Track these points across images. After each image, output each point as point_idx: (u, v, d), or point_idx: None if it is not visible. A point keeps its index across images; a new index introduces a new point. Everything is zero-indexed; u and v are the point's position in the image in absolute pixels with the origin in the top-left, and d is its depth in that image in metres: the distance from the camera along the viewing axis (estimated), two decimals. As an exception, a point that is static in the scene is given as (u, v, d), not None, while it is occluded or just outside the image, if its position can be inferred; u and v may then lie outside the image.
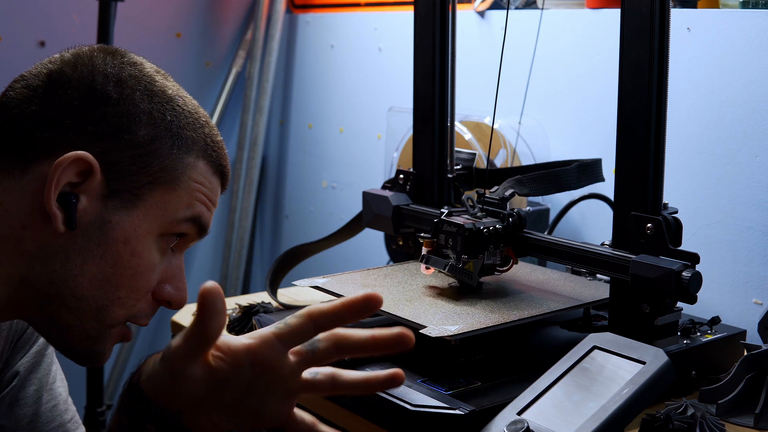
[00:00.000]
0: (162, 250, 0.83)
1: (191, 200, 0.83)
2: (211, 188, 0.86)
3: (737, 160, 1.40)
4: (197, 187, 0.84)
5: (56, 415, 1.00)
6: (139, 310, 0.83)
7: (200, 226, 0.85)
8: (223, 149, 0.88)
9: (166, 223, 0.82)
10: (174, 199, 0.82)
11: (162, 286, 0.84)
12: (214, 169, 0.86)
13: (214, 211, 0.87)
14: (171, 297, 0.85)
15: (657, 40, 1.04)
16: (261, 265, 2.72)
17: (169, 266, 0.84)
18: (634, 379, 0.88)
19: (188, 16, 2.50)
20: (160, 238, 0.82)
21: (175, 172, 0.82)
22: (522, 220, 1.19)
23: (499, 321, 1.05)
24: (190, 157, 0.83)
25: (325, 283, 1.21)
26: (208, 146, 0.86)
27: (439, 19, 1.33)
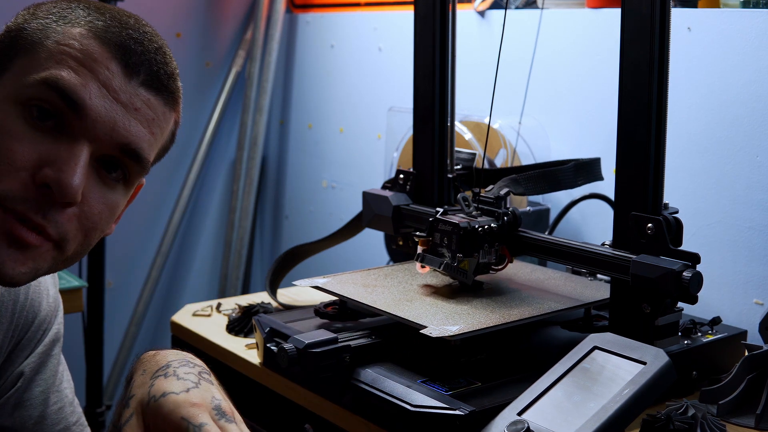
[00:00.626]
0: (27, 121, 0.75)
1: (50, 63, 0.76)
2: (84, 51, 0.77)
3: (738, 160, 1.40)
4: (61, 49, 0.77)
5: (62, 417, 0.99)
6: (7, 188, 0.75)
7: (60, 90, 0.75)
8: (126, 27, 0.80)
9: (21, 87, 0.76)
10: (32, 62, 0.76)
11: (42, 169, 0.75)
12: (95, 35, 0.78)
13: (92, 80, 0.77)
14: (48, 177, 0.75)
15: (657, 39, 1.04)
16: (261, 265, 2.72)
17: (53, 149, 0.76)
18: (635, 380, 0.88)
19: (188, 16, 2.50)
20: (20, 105, 0.75)
21: (38, 36, 0.77)
22: (517, 219, 1.19)
23: (500, 321, 1.05)
24: (63, 26, 0.78)
25: (325, 284, 1.20)
26: (97, 20, 0.79)
27: (439, 19, 1.33)
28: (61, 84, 0.75)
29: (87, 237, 0.81)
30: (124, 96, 0.78)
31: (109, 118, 0.77)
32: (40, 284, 0.97)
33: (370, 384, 1.02)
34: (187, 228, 2.65)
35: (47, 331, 0.99)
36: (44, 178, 0.75)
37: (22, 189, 0.75)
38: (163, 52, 0.82)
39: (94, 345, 2.21)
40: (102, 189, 0.80)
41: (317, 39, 2.44)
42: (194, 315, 1.40)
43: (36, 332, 0.97)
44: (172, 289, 2.66)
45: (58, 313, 1.01)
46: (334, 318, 1.20)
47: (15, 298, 0.94)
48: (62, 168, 0.75)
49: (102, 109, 0.77)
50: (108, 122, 0.77)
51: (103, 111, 0.77)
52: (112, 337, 2.47)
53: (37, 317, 0.97)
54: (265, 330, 1.15)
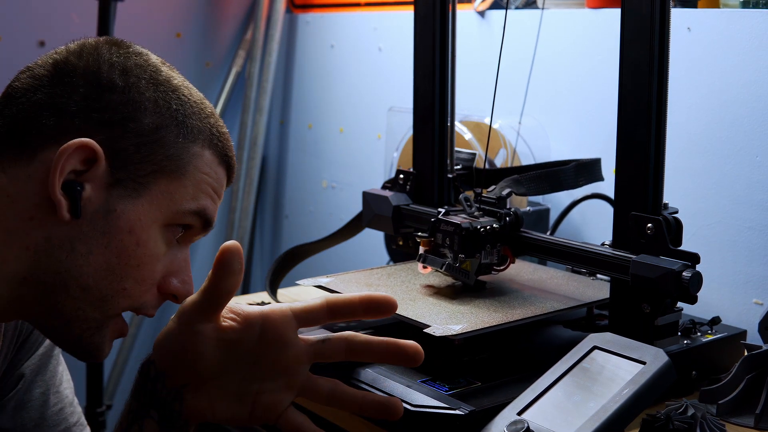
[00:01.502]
0: (167, 241, 0.81)
1: (197, 192, 0.82)
2: (217, 179, 0.84)
3: (738, 160, 1.40)
4: (203, 177, 0.82)
5: (62, 418, 1.00)
6: (144, 302, 0.82)
7: (205, 219, 0.83)
8: (228, 140, 0.87)
9: (171, 214, 0.80)
10: (179, 189, 0.81)
11: (168, 279, 0.83)
12: (220, 159, 0.85)
13: (218, 204, 0.85)
14: (177, 290, 0.83)
15: (657, 40, 1.04)
16: (261, 265, 2.72)
17: (174, 259, 0.83)
18: (635, 379, 0.88)
19: (188, 16, 2.50)
20: (165, 228, 0.81)
21: (181, 161, 0.80)
22: (519, 219, 1.19)
23: (503, 320, 1.05)
24: (195, 147, 0.82)
25: (328, 283, 1.21)
26: (214, 136, 0.84)
27: (439, 19, 1.33)
28: (208, 213, 0.84)
29: None
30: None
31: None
32: None
33: (370, 383, 1.02)
34: (187, 228, 2.65)
35: None
36: (174, 291, 0.84)
37: (153, 299, 0.83)
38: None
39: (94, 345, 2.21)
40: None
41: (317, 39, 2.44)
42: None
43: (38, 335, 0.98)
44: (172, 289, 2.65)
45: None
46: (336, 317, 1.20)
47: None
48: (185, 280, 0.84)
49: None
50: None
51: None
52: (112, 337, 2.46)
53: None
54: (265, 330, 1.15)
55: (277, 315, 0.77)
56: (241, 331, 0.76)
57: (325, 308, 0.77)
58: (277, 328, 0.77)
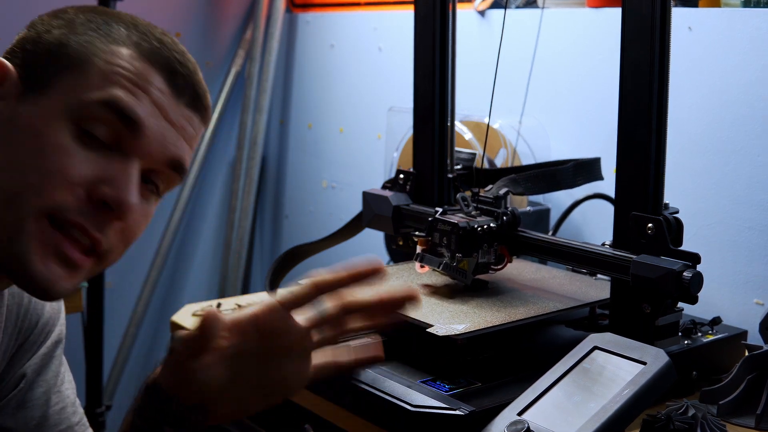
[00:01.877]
0: (81, 139, 0.77)
1: (104, 82, 0.78)
2: (137, 73, 0.79)
3: (738, 160, 1.40)
4: (114, 69, 0.78)
5: (64, 417, 1.00)
6: (62, 201, 0.76)
7: (119, 111, 0.78)
8: (167, 45, 0.83)
9: (75, 106, 0.77)
10: (83, 81, 0.78)
11: (98, 185, 0.77)
12: (142, 55, 0.80)
13: (147, 102, 0.80)
14: (106, 195, 0.77)
15: (658, 39, 1.04)
16: (261, 265, 2.72)
17: (108, 166, 0.78)
18: (635, 380, 0.88)
19: (188, 16, 2.49)
20: (74, 124, 0.77)
21: (85, 54, 0.78)
22: (516, 218, 1.19)
23: (506, 320, 1.05)
24: (107, 45, 0.80)
25: None
26: (139, 38, 0.81)
27: (439, 19, 1.33)
28: (120, 104, 0.78)
29: (126, 247, 0.84)
30: (172, 115, 0.82)
31: (161, 136, 0.81)
32: None
33: (370, 384, 1.02)
34: (186, 228, 2.65)
35: (50, 333, 0.99)
36: (103, 196, 0.77)
37: (77, 202, 0.77)
38: (199, 72, 0.87)
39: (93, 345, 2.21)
40: (142, 202, 0.83)
41: (317, 39, 2.43)
42: (194, 315, 1.40)
43: (39, 334, 0.98)
44: (171, 289, 2.66)
45: (61, 315, 1.02)
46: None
47: (19, 301, 0.94)
48: (120, 186, 0.78)
49: (156, 127, 0.80)
50: (159, 139, 0.81)
51: (156, 129, 0.80)
52: (111, 337, 2.47)
53: (40, 319, 0.97)
54: (264, 330, 1.15)
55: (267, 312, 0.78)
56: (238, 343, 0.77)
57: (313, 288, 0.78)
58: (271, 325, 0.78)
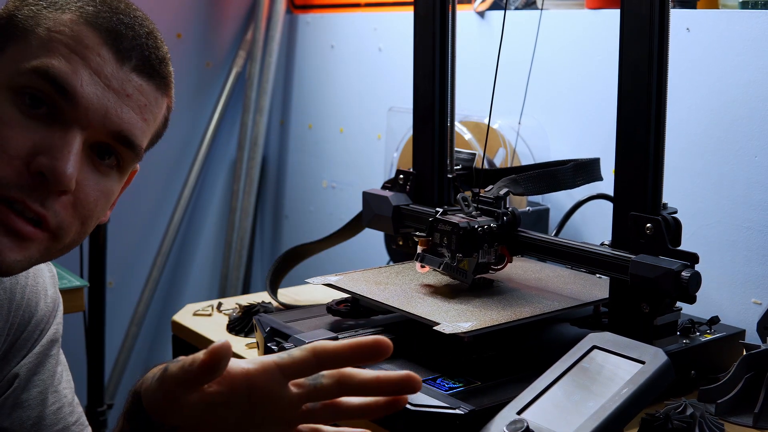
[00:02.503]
0: (19, 108, 0.75)
1: (41, 51, 0.76)
2: (74, 37, 0.76)
3: (737, 161, 1.41)
4: (52, 36, 0.76)
5: (61, 417, 0.99)
6: (1, 176, 0.74)
7: (52, 80, 0.75)
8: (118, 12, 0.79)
9: (12, 74, 0.75)
10: (23, 49, 0.76)
11: (35, 156, 0.75)
12: (86, 21, 0.77)
13: (84, 68, 0.76)
14: (42, 165, 0.74)
15: (656, 40, 1.04)
16: (261, 265, 2.72)
17: (46, 137, 0.75)
18: (634, 379, 0.88)
19: (188, 17, 2.50)
20: (12, 92, 0.75)
21: (28, 24, 0.76)
22: (516, 219, 1.19)
23: (511, 318, 1.06)
24: (52, 11, 0.77)
25: (337, 281, 1.21)
26: (86, 5, 0.78)
27: (439, 20, 1.33)
28: (52, 72, 0.75)
29: (83, 225, 0.81)
30: (115, 82, 0.78)
31: (101, 105, 0.77)
32: (37, 284, 0.96)
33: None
34: (187, 228, 2.66)
35: (44, 332, 0.98)
36: (38, 166, 0.74)
37: (16, 176, 0.75)
38: (155, 37, 0.82)
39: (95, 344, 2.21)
40: (96, 176, 0.80)
41: (317, 39, 2.44)
42: (195, 315, 1.40)
43: (32, 333, 0.96)
44: (172, 289, 2.66)
45: (57, 314, 1.00)
46: (346, 315, 1.20)
47: (11, 297, 0.93)
48: (56, 156, 0.75)
49: (93, 96, 0.76)
50: (100, 109, 0.77)
51: (94, 98, 0.77)
52: (113, 336, 2.47)
53: (33, 317, 0.96)
54: (265, 329, 1.16)
55: (262, 374, 0.70)
56: (227, 395, 0.70)
57: (313, 359, 0.70)
58: (264, 390, 0.70)
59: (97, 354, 2.22)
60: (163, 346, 2.64)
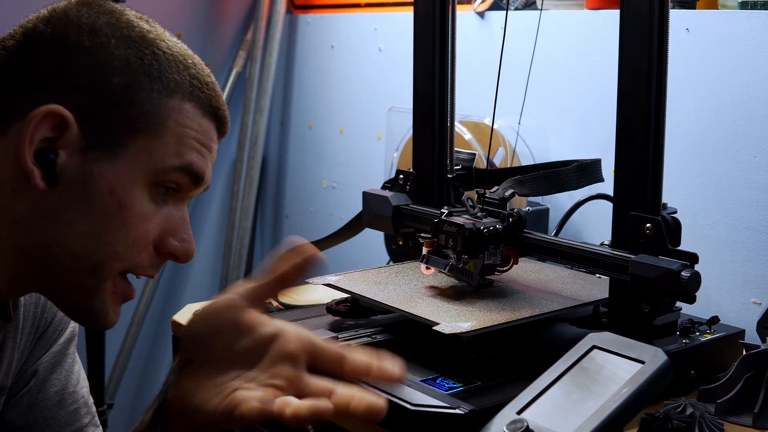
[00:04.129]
0: (155, 200, 0.79)
1: (179, 147, 0.79)
2: (203, 132, 0.81)
3: (736, 161, 1.41)
4: (185, 131, 0.79)
5: (76, 418, 0.99)
6: (138, 262, 0.80)
7: (193, 174, 0.80)
8: (215, 90, 0.83)
9: (154, 172, 0.78)
10: (159, 146, 0.78)
11: (166, 239, 0.81)
12: (204, 110, 0.81)
13: (211, 159, 0.83)
14: (175, 249, 0.82)
15: (656, 40, 1.04)
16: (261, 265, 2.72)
17: (170, 218, 0.81)
18: (634, 379, 0.88)
19: (188, 17, 2.50)
20: (150, 188, 0.79)
21: (158, 117, 0.78)
22: (522, 220, 1.19)
23: (511, 318, 1.06)
24: (173, 101, 0.79)
25: (337, 281, 1.21)
26: (195, 88, 0.81)
27: (438, 20, 1.33)
28: (196, 171, 0.81)
29: None
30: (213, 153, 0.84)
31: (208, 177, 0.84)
32: None
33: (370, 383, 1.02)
34: (187, 228, 2.65)
35: (64, 330, 0.98)
36: (171, 250, 0.82)
37: (150, 259, 0.81)
38: (217, 85, 0.86)
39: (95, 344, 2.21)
40: None
41: (317, 39, 2.44)
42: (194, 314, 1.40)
43: (53, 332, 0.97)
44: (173, 289, 2.66)
45: None
46: (346, 315, 1.21)
47: (36, 300, 0.93)
48: (184, 237, 0.82)
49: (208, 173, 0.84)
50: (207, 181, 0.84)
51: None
52: (113, 336, 2.47)
53: (55, 317, 0.97)
54: (265, 329, 1.16)
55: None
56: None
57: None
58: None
59: (97, 353, 2.22)
60: (163, 346, 2.64)
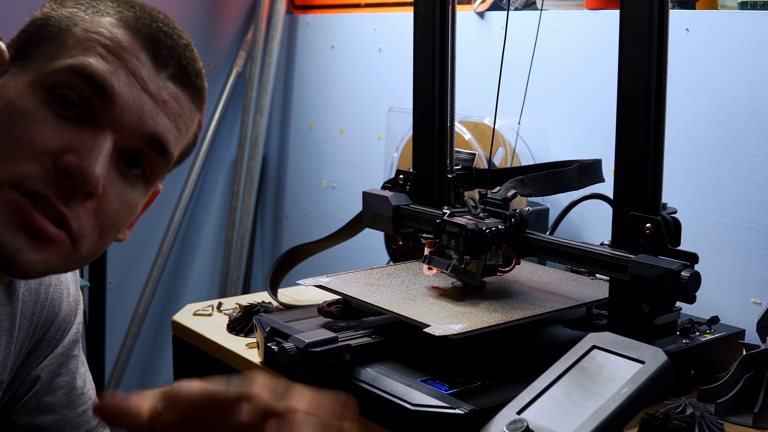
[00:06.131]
0: (50, 107, 0.74)
1: (79, 50, 0.74)
2: (113, 39, 0.75)
3: (736, 161, 1.41)
4: (91, 36, 0.75)
5: (85, 420, 0.99)
6: (27, 170, 0.72)
7: (88, 78, 0.74)
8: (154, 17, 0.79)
9: (46, 73, 0.74)
10: (58, 48, 0.75)
11: (63, 154, 0.73)
12: (127, 25, 0.77)
13: (122, 70, 0.75)
14: (70, 164, 0.72)
15: (656, 40, 1.04)
16: (261, 265, 2.73)
17: (76, 137, 0.74)
18: (634, 379, 0.88)
19: (189, 17, 2.50)
20: (44, 91, 0.74)
21: (67, 25, 0.76)
22: (524, 220, 1.19)
23: (502, 320, 1.06)
24: (92, 15, 0.77)
25: (328, 282, 1.21)
26: (127, 8, 0.78)
27: (438, 20, 1.33)
28: (89, 70, 0.73)
29: (102, 235, 0.78)
30: (152, 87, 0.77)
31: (137, 107, 0.75)
32: (60, 283, 0.95)
33: (370, 383, 1.03)
34: (187, 228, 2.66)
35: (67, 331, 0.97)
36: (66, 165, 0.72)
37: (43, 172, 0.73)
38: (192, 49, 0.82)
39: (95, 344, 2.22)
40: (122, 185, 0.78)
41: (317, 40, 2.44)
42: (195, 314, 1.41)
43: (56, 333, 0.95)
44: (173, 289, 2.66)
45: (78, 312, 0.99)
46: (337, 317, 1.21)
47: (35, 297, 0.91)
48: (85, 155, 0.73)
49: (130, 97, 0.75)
50: (135, 111, 0.76)
51: (131, 99, 0.75)
52: (113, 336, 2.47)
53: (57, 318, 0.95)
54: (265, 329, 1.16)
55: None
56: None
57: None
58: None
59: (97, 354, 2.22)
60: (163, 346, 2.64)
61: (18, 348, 0.91)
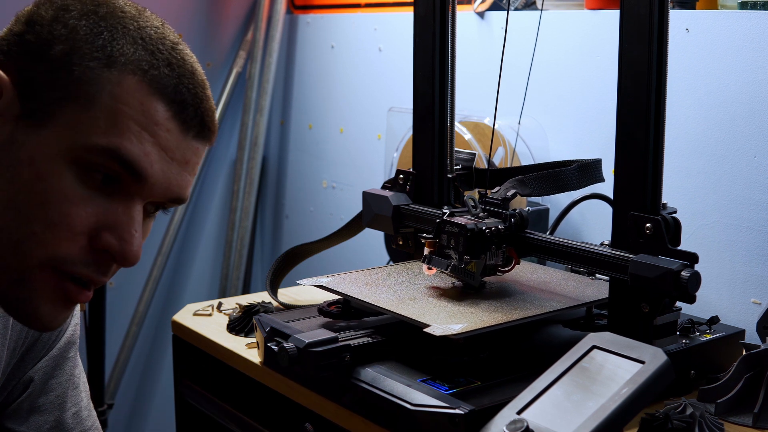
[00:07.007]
0: (85, 183, 0.72)
1: (110, 125, 0.71)
2: (143, 111, 0.72)
3: (736, 161, 1.41)
4: (120, 109, 0.71)
5: (78, 421, 0.98)
6: (66, 254, 0.72)
7: (124, 162, 0.72)
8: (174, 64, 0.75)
9: (78, 148, 0.71)
10: (86, 119, 0.71)
11: (101, 234, 0.73)
12: (154, 89, 0.73)
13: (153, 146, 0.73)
14: (110, 246, 0.73)
15: (656, 40, 1.05)
16: (261, 265, 2.73)
17: (110, 211, 0.74)
18: (634, 379, 0.88)
19: (189, 17, 2.50)
20: (76, 166, 0.72)
21: (90, 87, 0.71)
22: (524, 220, 1.19)
23: (503, 320, 1.06)
24: (112, 72, 0.72)
25: (328, 282, 1.21)
26: (153, 66, 0.74)
27: (438, 20, 1.33)
28: (126, 157, 0.72)
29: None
30: (179, 153, 0.76)
31: (165, 179, 0.76)
32: None
33: (370, 383, 1.03)
34: (187, 228, 2.66)
35: (61, 334, 0.97)
36: (106, 246, 0.74)
37: (81, 253, 0.73)
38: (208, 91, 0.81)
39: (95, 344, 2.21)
40: (144, 226, 0.79)
41: (317, 39, 2.44)
42: (195, 314, 1.41)
43: (51, 335, 0.95)
44: (173, 289, 2.66)
45: (75, 315, 0.99)
46: (337, 317, 1.21)
47: None
48: (123, 236, 0.74)
49: (160, 173, 0.75)
50: (164, 183, 0.76)
51: (161, 175, 0.75)
52: (113, 336, 2.47)
53: None
54: (265, 329, 1.16)
55: None
56: None
57: None
58: None
59: (97, 354, 2.22)
60: (164, 346, 2.64)
61: (11, 349, 0.91)
